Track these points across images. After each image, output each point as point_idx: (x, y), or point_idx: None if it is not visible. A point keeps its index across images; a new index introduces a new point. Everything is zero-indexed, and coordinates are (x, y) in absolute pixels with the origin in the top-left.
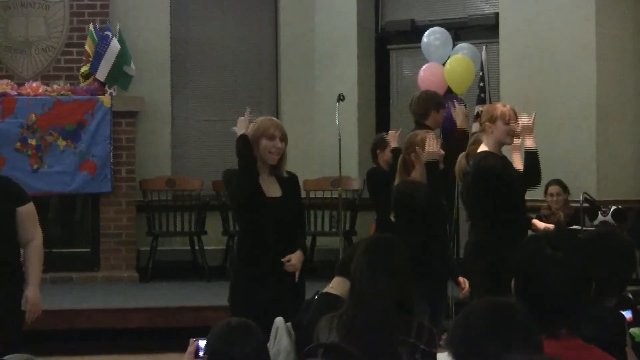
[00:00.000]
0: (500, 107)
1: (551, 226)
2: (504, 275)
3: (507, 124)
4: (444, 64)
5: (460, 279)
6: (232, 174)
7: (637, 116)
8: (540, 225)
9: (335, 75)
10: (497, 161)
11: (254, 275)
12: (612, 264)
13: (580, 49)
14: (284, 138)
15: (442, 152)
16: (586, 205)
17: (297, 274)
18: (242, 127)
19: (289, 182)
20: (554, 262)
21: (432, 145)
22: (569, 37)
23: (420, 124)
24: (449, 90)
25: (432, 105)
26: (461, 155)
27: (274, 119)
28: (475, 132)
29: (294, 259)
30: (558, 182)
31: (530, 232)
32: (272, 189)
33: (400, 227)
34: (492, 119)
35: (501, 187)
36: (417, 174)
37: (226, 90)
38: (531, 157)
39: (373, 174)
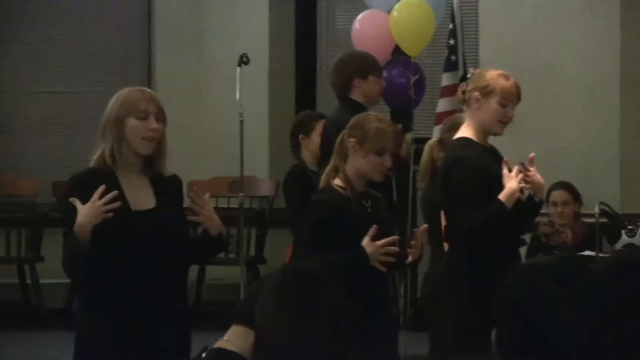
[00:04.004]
0: (501, 80)
1: None
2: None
3: (505, 105)
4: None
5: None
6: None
7: None
8: None
9: (235, 27)
10: (481, 154)
11: (110, 329)
12: None
13: None
14: (161, 117)
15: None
16: (604, 220)
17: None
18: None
19: (169, 187)
20: (558, 303)
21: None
22: None
23: (345, 100)
24: (398, 51)
25: (354, 71)
26: (429, 144)
27: (146, 89)
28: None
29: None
30: (565, 187)
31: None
32: (143, 198)
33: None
34: (487, 92)
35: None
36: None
37: (76, 49)
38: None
39: (294, 176)
